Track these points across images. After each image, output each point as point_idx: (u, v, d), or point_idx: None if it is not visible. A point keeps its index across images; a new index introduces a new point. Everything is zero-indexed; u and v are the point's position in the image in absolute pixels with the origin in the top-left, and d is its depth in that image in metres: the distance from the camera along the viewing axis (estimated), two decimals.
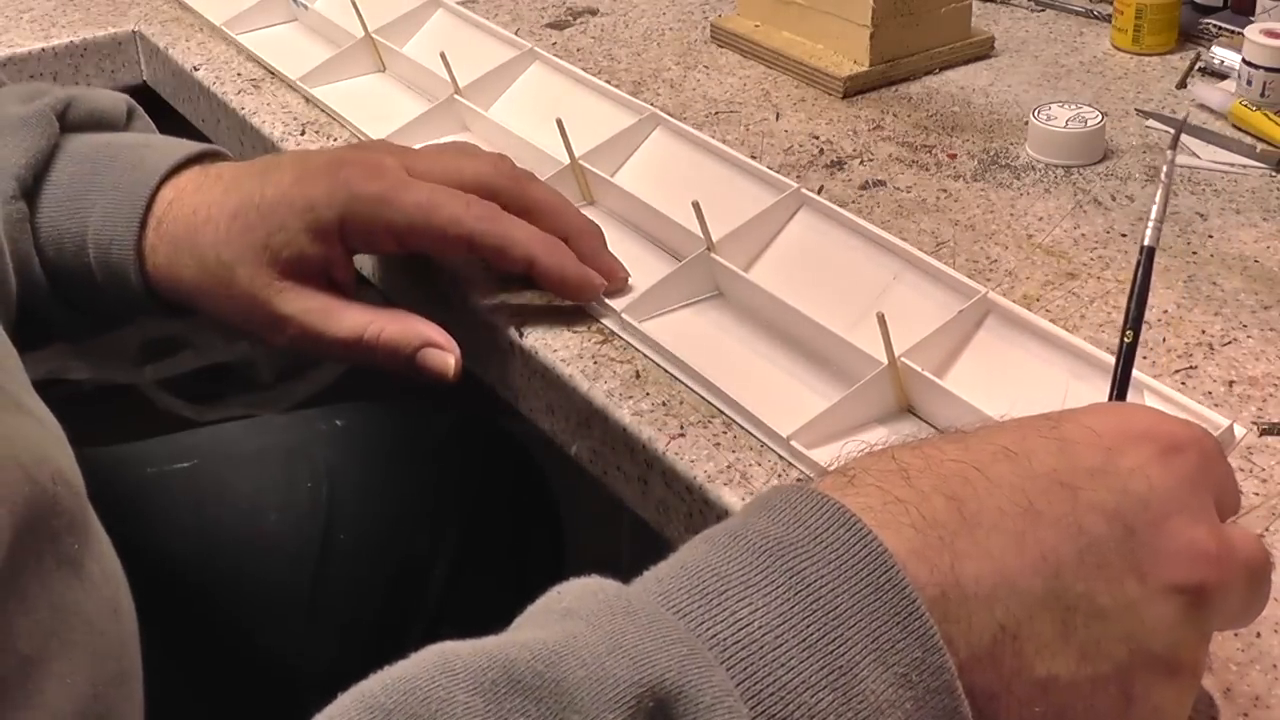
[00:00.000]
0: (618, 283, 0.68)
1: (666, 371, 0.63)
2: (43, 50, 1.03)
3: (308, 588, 0.81)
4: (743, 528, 0.39)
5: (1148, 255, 0.50)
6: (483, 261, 0.69)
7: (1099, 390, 0.53)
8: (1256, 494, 0.56)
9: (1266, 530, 0.54)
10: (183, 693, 0.65)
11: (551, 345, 0.66)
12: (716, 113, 0.90)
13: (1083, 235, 0.74)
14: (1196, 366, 0.63)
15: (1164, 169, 0.52)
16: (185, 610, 0.76)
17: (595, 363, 0.65)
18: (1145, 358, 0.64)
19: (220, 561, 0.80)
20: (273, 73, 0.97)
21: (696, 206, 0.66)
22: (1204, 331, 0.66)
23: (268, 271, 0.65)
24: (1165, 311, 0.67)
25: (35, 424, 0.43)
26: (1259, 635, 0.49)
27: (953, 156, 0.83)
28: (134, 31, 1.07)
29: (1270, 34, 0.87)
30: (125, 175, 0.67)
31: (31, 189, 0.67)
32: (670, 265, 0.69)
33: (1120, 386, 0.49)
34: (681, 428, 0.60)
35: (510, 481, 0.92)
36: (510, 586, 0.87)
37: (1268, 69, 0.86)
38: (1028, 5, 1.07)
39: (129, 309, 0.70)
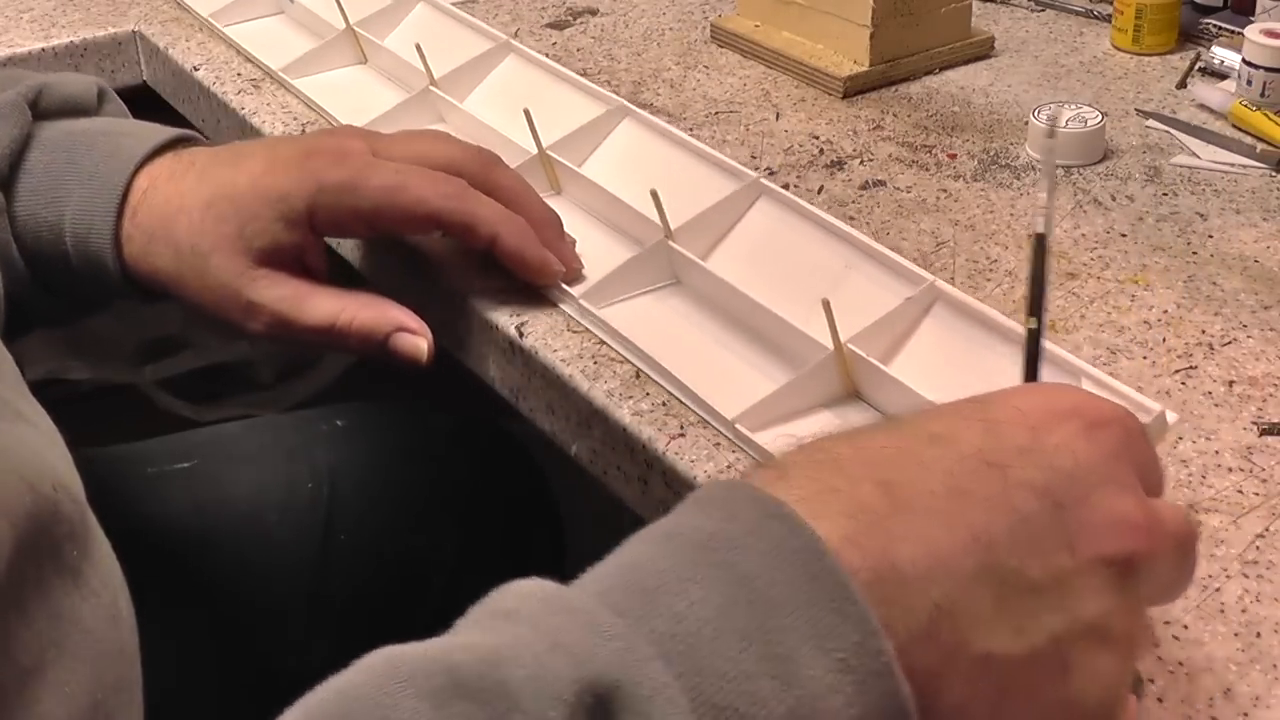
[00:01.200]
0: (571, 273, 0.69)
1: (624, 356, 0.64)
2: (43, 50, 1.03)
3: (308, 588, 0.81)
4: (677, 525, 0.40)
5: (1038, 242, 0.50)
6: (456, 242, 0.70)
7: (1045, 375, 0.53)
8: (1257, 494, 0.56)
9: (1266, 530, 0.54)
10: (182, 694, 0.65)
11: (551, 345, 0.66)
12: (716, 113, 0.90)
13: (1083, 235, 0.74)
14: (1196, 366, 0.63)
15: (1045, 155, 0.52)
16: (185, 611, 0.76)
17: (595, 363, 0.65)
18: (1145, 358, 0.64)
19: (220, 562, 0.80)
20: (258, 66, 0.97)
21: (655, 195, 0.67)
22: (1204, 331, 0.66)
23: (242, 260, 0.65)
24: (1165, 311, 0.67)
25: (33, 431, 0.43)
26: (1259, 635, 0.49)
27: (953, 156, 0.83)
28: (134, 31, 1.06)
29: (1270, 34, 0.87)
30: (100, 164, 0.68)
31: (7, 178, 0.67)
32: (634, 253, 0.70)
33: (1029, 373, 0.49)
34: (681, 428, 0.60)
35: (510, 481, 0.92)
36: None
37: (1268, 69, 0.86)
38: (1028, 5, 1.07)
39: (107, 295, 0.70)
